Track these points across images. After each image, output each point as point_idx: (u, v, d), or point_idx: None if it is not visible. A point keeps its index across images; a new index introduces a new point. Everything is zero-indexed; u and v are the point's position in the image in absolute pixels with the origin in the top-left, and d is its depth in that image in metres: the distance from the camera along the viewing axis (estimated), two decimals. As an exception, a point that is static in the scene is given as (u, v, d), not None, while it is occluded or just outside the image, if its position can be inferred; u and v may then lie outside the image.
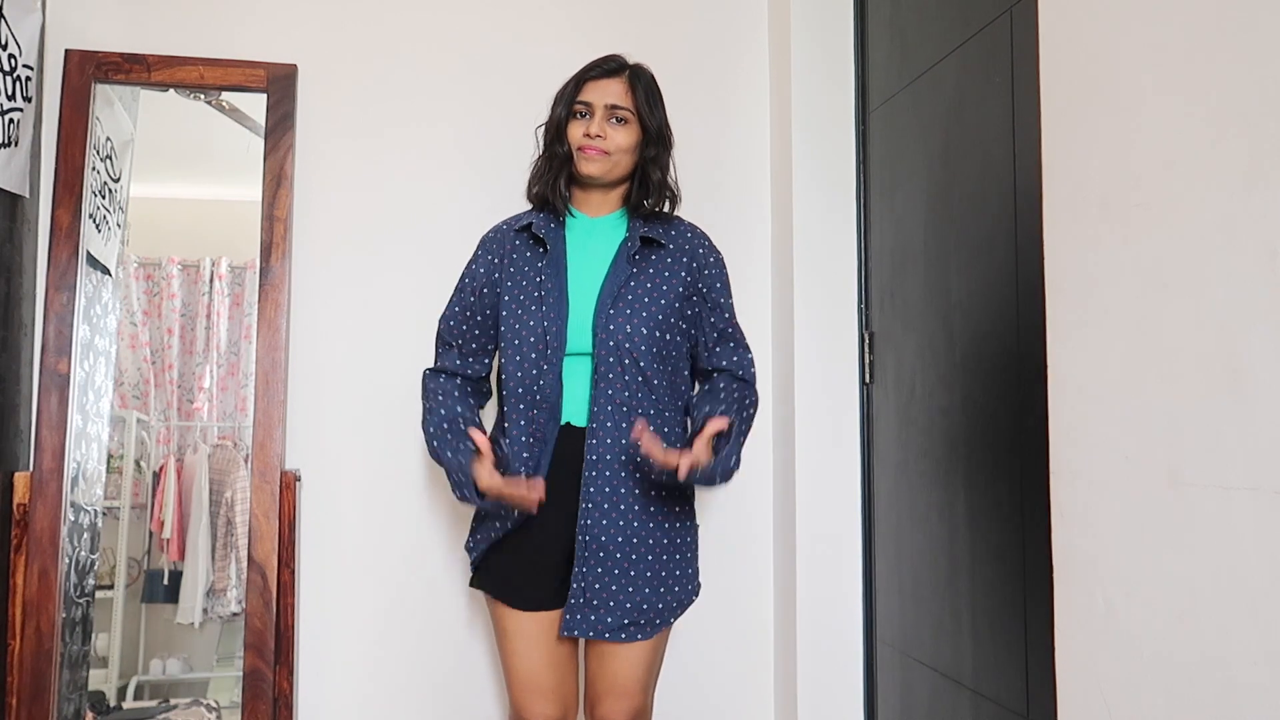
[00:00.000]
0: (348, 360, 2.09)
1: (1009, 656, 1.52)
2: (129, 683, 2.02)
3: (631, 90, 1.69)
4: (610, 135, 1.67)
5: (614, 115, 1.68)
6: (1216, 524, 0.97)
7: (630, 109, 1.69)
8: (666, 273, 1.70)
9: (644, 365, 1.64)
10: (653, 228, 1.73)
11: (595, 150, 1.67)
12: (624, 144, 1.68)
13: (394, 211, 2.13)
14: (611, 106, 1.68)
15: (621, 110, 1.68)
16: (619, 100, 1.68)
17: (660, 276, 1.70)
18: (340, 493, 2.07)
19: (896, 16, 1.98)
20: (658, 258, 1.71)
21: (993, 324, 1.58)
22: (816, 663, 2.06)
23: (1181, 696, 1.01)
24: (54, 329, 1.88)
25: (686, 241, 1.75)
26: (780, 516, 2.18)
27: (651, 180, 1.73)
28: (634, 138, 1.70)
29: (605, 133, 1.67)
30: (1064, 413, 1.21)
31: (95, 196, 1.96)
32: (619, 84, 1.69)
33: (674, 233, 1.75)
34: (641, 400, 1.65)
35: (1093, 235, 1.16)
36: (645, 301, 1.67)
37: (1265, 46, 0.93)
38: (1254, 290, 0.93)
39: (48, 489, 1.83)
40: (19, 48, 1.81)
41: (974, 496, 1.64)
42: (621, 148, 1.68)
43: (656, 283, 1.69)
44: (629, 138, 1.69)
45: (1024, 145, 1.48)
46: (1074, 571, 1.18)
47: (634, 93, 1.69)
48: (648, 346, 1.65)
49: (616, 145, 1.68)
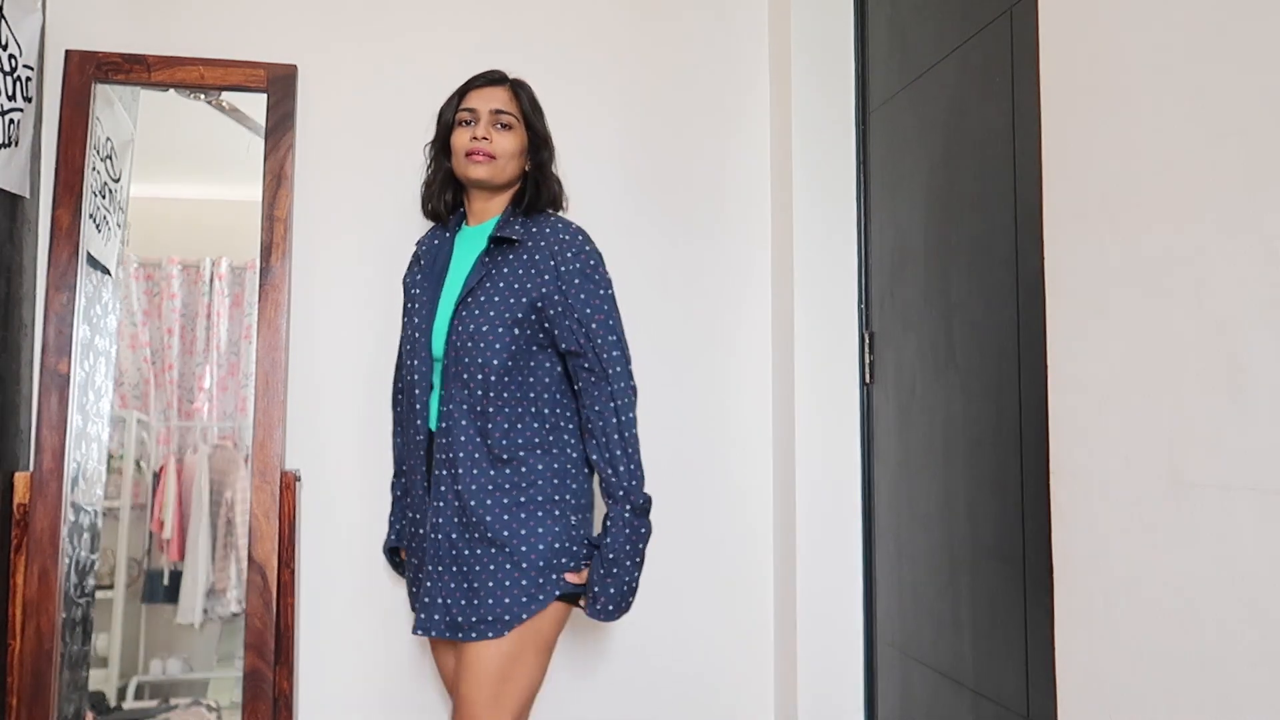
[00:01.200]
0: (348, 360, 2.09)
1: (1009, 656, 1.52)
2: (129, 683, 2.02)
3: (515, 97, 1.73)
4: (496, 139, 1.69)
5: (499, 120, 1.70)
6: (1217, 524, 0.97)
7: (515, 114, 1.72)
8: (520, 270, 1.63)
9: (488, 369, 1.61)
10: (511, 226, 1.68)
11: (481, 154, 1.68)
12: (509, 148, 1.70)
13: (394, 211, 2.13)
14: (496, 111, 1.70)
15: (506, 115, 1.71)
16: (504, 106, 1.71)
17: (514, 275, 1.63)
18: (340, 493, 2.07)
19: (896, 16, 1.98)
20: (514, 256, 1.65)
21: (993, 324, 1.58)
22: (816, 662, 2.06)
23: (1181, 696, 1.01)
24: (54, 329, 1.88)
25: (545, 238, 1.66)
26: (780, 516, 2.18)
27: (542, 186, 1.73)
28: (519, 143, 1.72)
29: (491, 136, 1.69)
30: (1064, 413, 1.21)
31: (95, 196, 1.96)
32: (502, 91, 1.73)
33: (535, 229, 1.68)
34: (488, 404, 1.61)
35: (1093, 235, 1.16)
36: (495, 301, 1.62)
37: (1265, 47, 0.93)
38: (1254, 290, 0.93)
39: (48, 489, 1.83)
40: (19, 48, 1.81)
41: (974, 496, 1.64)
42: (507, 152, 1.70)
43: (509, 282, 1.63)
44: (514, 142, 1.71)
45: (1024, 145, 1.48)
46: (1074, 571, 1.18)
47: (518, 99, 1.73)
48: (491, 348, 1.61)
49: (502, 149, 1.69)
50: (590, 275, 1.64)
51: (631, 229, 2.23)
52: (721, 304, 2.26)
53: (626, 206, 2.23)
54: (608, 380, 1.60)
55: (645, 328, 2.22)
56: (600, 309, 1.63)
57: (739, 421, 2.25)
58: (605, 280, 1.67)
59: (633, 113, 2.25)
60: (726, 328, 2.26)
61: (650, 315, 2.22)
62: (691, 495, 2.22)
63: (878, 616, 2.03)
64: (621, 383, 1.61)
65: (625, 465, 1.59)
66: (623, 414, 1.60)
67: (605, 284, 1.66)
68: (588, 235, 1.70)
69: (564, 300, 1.62)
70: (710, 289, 2.25)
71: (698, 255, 2.25)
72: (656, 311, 2.23)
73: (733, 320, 2.26)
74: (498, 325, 1.61)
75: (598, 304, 1.63)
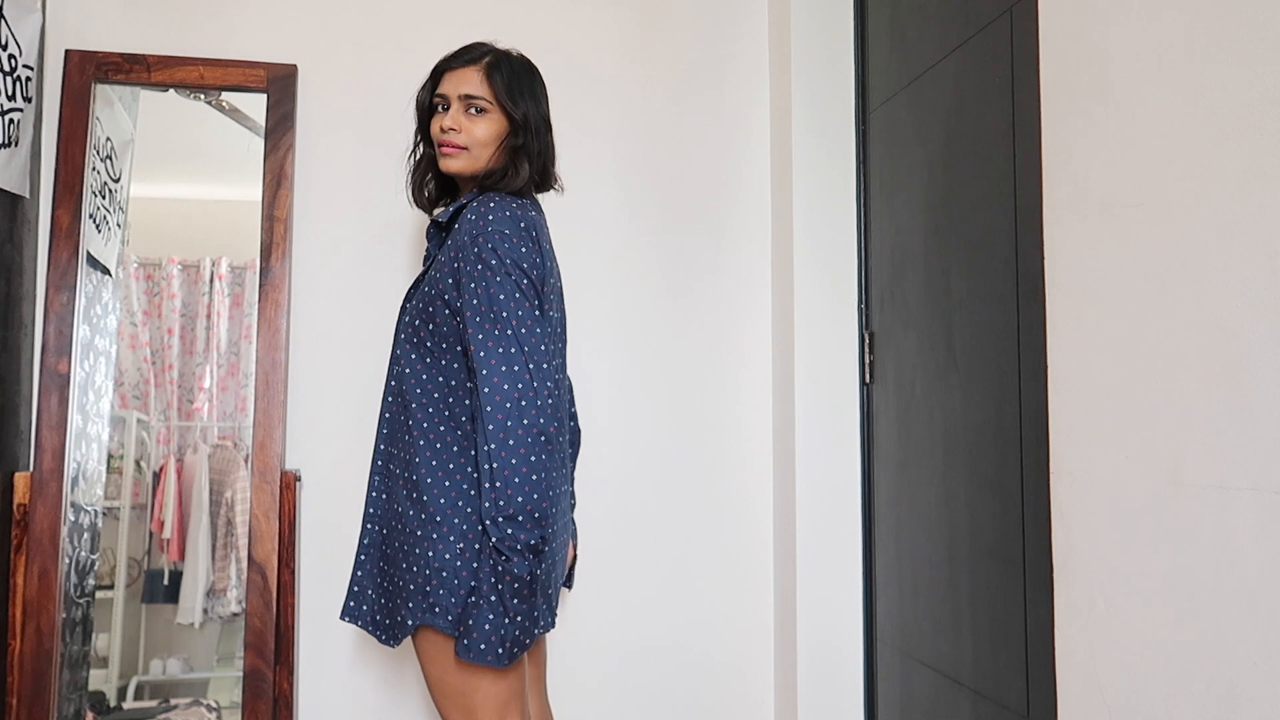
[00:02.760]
0: (348, 360, 2.09)
1: (1009, 656, 1.52)
2: (129, 683, 2.02)
3: (488, 79, 1.53)
4: (466, 127, 1.52)
5: (471, 106, 1.53)
6: (1216, 524, 0.97)
7: (487, 98, 1.53)
8: (442, 259, 1.48)
9: (408, 368, 1.51)
10: (450, 211, 1.54)
11: (451, 146, 1.52)
12: (482, 136, 1.52)
13: (394, 211, 2.13)
14: (466, 97, 1.53)
15: (478, 100, 1.53)
16: (474, 90, 1.53)
17: (437, 268, 1.49)
18: (340, 493, 2.07)
19: (896, 16, 1.98)
20: (444, 248, 1.50)
21: (993, 324, 1.58)
22: (816, 663, 2.06)
23: (1181, 696, 1.01)
24: (54, 329, 1.88)
25: (460, 223, 1.48)
26: (780, 517, 2.18)
27: (510, 170, 1.54)
28: (495, 128, 1.53)
29: (460, 125, 1.52)
30: (1064, 413, 1.21)
31: (95, 196, 1.96)
32: (475, 73, 1.54)
33: (463, 214, 1.50)
34: (405, 404, 1.51)
35: (1093, 235, 1.16)
36: (419, 295, 1.52)
37: (1265, 46, 0.93)
38: (1254, 290, 0.93)
39: (48, 489, 1.83)
40: (19, 48, 1.81)
41: (974, 496, 1.64)
42: (479, 140, 1.52)
43: (434, 277, 1.49)
44: (488, 129, 1.53)
45: (1024, 145, 1.48)
46: (1074, 571, 1.18)
47: (490, 81, 1.53)
48: (406, 346, 1.51)
49: (474, 138, 1.52)
50: (476, 265, 1.41)
51: (632, 229, 2.23)
52: (721, 304, 2.26)
53: (627, 206, 2.23)
54: (486, 379, 1.38)
55: (645, 328, 2.22)
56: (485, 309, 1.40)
57: (739, 421, 2.25)
58: (497, 266, 1.40)
59: (633, 113, 2.25)
60: (726, 328, 2.26)
61: (650, 315, 2.22)
62: (691, 495, 2.22)
63: (878, 616, 2.03)
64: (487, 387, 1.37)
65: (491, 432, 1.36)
66: (489, 420, 1.37)
67: (496, 269, 1.40)
68: (502, 217, 1.44)
69: (462, 295, 1.43)
70: (710, 289, 2.25)
71: (698, 255, 2.25)
72: (656, 311, 2.23)
73: (733, 320, 2.26)
74: (416, 320, 1.50)
75: (484, 303, 1.40)
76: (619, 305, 2.22)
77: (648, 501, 2.20)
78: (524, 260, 1.42)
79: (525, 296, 1.41)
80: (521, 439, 1.35)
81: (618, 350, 2.21)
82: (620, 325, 2.22)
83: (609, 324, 2.21)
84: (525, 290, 1.41)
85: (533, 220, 1.48)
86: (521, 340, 1.38)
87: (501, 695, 1.44)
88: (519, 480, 1.34)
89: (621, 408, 2.20)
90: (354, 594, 1.55)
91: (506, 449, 1.35)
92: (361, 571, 1.55)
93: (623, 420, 2.20)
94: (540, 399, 1.37)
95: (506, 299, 1.39)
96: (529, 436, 1.35)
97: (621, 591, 2.18)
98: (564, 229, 2.15)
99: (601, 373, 2.18)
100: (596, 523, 2.16)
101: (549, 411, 1.37)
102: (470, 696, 1.44)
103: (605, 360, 2.20)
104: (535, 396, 1.37)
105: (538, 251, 1.46)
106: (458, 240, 1.46)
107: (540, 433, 1.36)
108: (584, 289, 2.19)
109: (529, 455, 1.35)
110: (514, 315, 1.39)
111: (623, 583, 2.18)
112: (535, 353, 1.39)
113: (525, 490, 1.34)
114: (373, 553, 1.55)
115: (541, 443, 1.36)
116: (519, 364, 1.37)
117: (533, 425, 1.36)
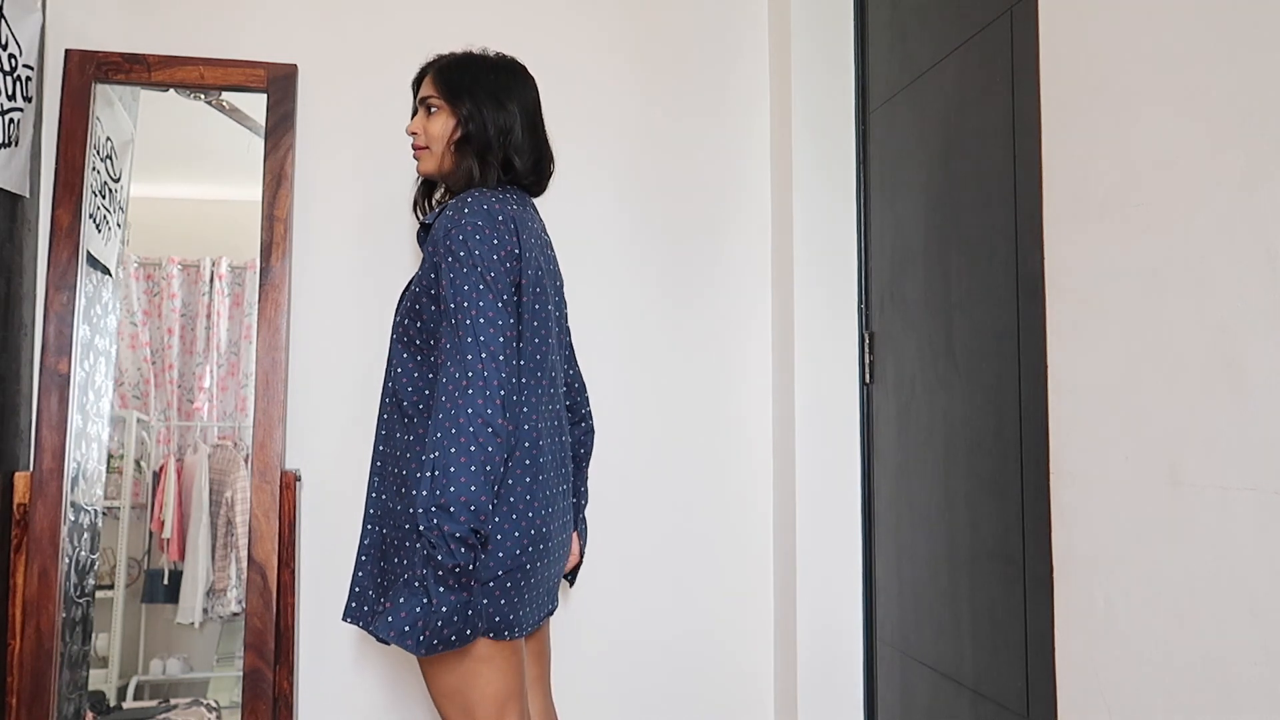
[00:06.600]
0: (348, 360, 2.09)
1: (1009, 656, 1.52)
2: (129, 683, 2.02)
3: (434, 78, 1.58)
4: (424, 128, 1.57)
5: (428, 107, 1.58)
6: (1216, 524, 0.97)
7: (435, 96, 1.57)
8: (423, 258, 1.51)
9: (400, 367, 1.53)
10: (435, 213, 1.55)
11: (415, 148, 1.59)
12: (435, 132, 1.56)
13: (394, 211, 2.13)
14: (423, 100, 1.59)
15: (430, 100, 1.58)
16: (426, 91, 1.59)
17: (422, 267, 1.51)
18: (340, 493, 2.07)
19: (896, 17, 1.98)
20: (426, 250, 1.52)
21: (993, 324, 1.58)
22: (816, 663, 2.06)
23: (1181, 696, 1.01)
24: (54, 329, 1.88)
25: (438, 221, 1.48)
26: (780, 517, 2.18)
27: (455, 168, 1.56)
28: (446, 125, 1.56)
29: (419, 127, 1.58)
30: (1064, 413, 1.21)
31: (95, 196, 1.96)
32: (430, 75, 1.60)
33: (442, 212, 1.50)
34: (398, 403, 1.53)
35: (1093, 236, 1.16)
36: (408, 295, 1.53)
37: (1265, 47, 0.93)
38: (1254, 290, 0.93)
39: (48, 489, 1.83)
40: (19, 48, 1.81)
41: (974, 496, 1.64)
42: (435, 136, 1.56)
43: (419, 276, 1.51)
44: (439, 126, 1.56)
45: (1024, 145, 1.48)
46: (1074, 571, 1.18)
47: (436, 81, 1.58)
48: (398, 346, 1.54)
49: (430, 135, 1.57)
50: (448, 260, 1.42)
51: (632, 229, 2.23)
52: (722, 304, 2.26)
53: (627, 206, 2.23)
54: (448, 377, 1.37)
55: (645, 328, 2.22)
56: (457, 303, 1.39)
57: (739, 421, 2.25)
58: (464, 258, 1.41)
59: (633, 113, 2.25)
60: (727, 328, 2.26)
61: (650, 315, 2.22)
62: (691, 495, 2.22)
63: (878, 617, 2.03)
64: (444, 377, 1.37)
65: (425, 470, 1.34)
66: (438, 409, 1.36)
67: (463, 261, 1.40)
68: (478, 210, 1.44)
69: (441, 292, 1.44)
70: (710, 289, 2.25)
71: (698, 255, 2.25)
72: (657, 311, 2.23)
73: (733, 320, 2.26)
74: (404, 320, 1.53)
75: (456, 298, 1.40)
76: (619, 306, 2.22)
77: (647, 501, 2.20)
78: (494, 252, 1.42)
79: (489, 289, 1.39)
80: (463, 428, 1.31)
81: (618, 350, 2.21)
82: (620, 325, 2.22)
83: (609, 324, 2.21)
84: (490, 283, 1.40)
85: (511, 213, 1.47)
86: (478, 331, 1.37)
87: (500, 694, 1.44)
88: (454, 470, 1.30)
89: (621, 408, 2.20)
90: (355, 595, 1.55)
91: (449, 438, 1.32)
92: (362, 573, 1.55)
93: (623, 420, 2.20)
94: (491, 390, 1.33)
95: (470, 290, 1.39)
96: (472, 426, 1.31)
97: (622, 591, 2.18)
98: (565, 230, 2.15)
99: (601, 373, 2.18)
100: (596, 523, 2.16)
101: (498, 403, 1.33)
102: (468, 695, 1.43)
103: (605, 360, 2.20)
104: (485, 387, 1.33)
105: (515, 243, 1.45)
106: (434, 237, 1.47)
107: (487, 424, 1.32)
108: (585, 289, 2.19)
109: (470, 445, 1.31)
110: (474, 306, 1.38)
111: (623, 583, 2.18)
112: (493, 344, 1.36)
113: (460, 481, 1.30)
114: (373, 553, 1.55)
115: (489, 434, 1.32)
116: (472, 354, 1.35)
117: (478, 415, 1.32)
